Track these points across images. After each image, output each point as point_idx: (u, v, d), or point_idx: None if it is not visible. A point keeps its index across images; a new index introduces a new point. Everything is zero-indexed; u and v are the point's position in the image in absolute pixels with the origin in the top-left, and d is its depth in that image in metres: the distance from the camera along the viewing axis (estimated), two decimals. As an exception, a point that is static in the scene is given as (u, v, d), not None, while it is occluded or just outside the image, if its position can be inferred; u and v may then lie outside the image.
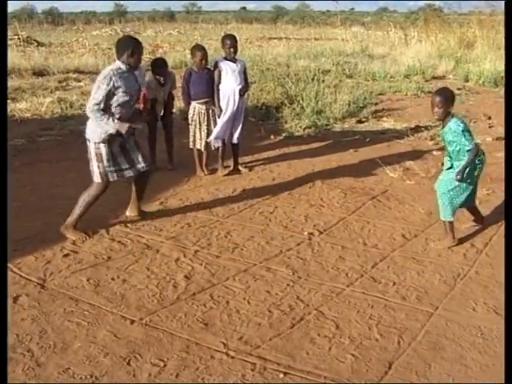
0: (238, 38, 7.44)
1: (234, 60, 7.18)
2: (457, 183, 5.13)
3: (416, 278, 4.61)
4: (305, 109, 10.57)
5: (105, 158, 5.49)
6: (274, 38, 32.03)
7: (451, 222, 5.26)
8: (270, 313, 4.08)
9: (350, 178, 7.27)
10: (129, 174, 5.63)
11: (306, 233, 5.55)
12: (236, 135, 7.45)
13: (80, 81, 15.64)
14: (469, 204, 5.47)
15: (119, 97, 5.41)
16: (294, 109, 10.62)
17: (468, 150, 5.01)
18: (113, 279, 4.58)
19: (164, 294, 4.35)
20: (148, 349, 3.64)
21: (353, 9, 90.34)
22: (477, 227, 5.62)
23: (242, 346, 3.68)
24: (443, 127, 5.22)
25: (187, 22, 51.48)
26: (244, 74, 7.33)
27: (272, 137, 9.58)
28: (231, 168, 7.63)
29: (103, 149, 5.49)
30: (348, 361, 3.53)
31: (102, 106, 5.41)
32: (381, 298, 4.28)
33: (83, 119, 10.58)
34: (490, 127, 10.32)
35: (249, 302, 4.23)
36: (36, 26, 35.24)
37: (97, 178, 5.55)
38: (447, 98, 5.11)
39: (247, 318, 4.02)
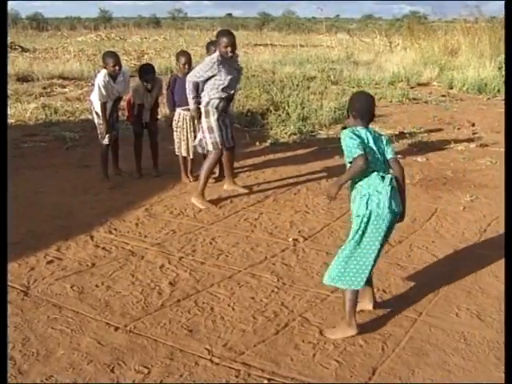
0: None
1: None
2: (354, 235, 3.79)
3: (400, 284, 4.62)
4: (290, 115, 10.60)
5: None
6: (260, 45, 32.14)
7: (354, 293, 3.85)
8: (255, 319, 4.08)
9: (334, 185, 7.28)
10: None
11: (290, 239, 5.56)
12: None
13: (65, 87, 15.59)
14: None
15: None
16: (279, 115, 10.64)
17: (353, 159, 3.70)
18: (97, 286, 4.56)
19: (148, 300, 4.34)
20: (132, 356, 3.63)
21: (338, 16, 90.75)
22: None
23: (227, 353, 3.67)
24: None
25: (173, 28, 51.46)
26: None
27: (257, 143, 9.59)
28: (217, 175, 7.62)
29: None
30: (332, 367, 3.53)
31: None
32: (365, 304, 4.28)
33: (68, 125, 10.64)
34: (473, 134, 10.40)
35: (233, 309, 4.23)
36: (20, 32, 35.06)
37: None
38: (349, 102, 3.98)
39: (232, 324, 4.02)
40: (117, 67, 6.95)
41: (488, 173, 7.80)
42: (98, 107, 7.08)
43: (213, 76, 6.33)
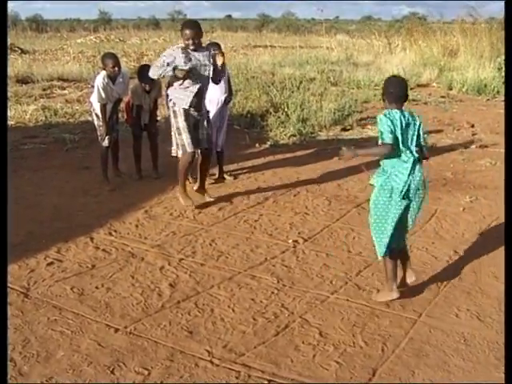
0: (222, 46, 7.46)
1: (218, 68, 7.18)
2: (376, 199, 4.20)
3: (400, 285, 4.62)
4: (290, 117, 10.60)
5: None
6: (259, 46, 32.11)
7: (391, 263, 4.32)
8: (255, 320, 4.08)
9: (334, 186, 7.31)
10: None
11: (290, 240, 5.56)
12: (220, 143, 7.46)
13: (64, 88, 15.57)
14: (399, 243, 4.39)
15: None
16: (279, 117, 10.64)
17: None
18: (97, 288, 4.56)
19: (148, 302, 4.34)
20: (132, 357, 3.63)
21: (338, 17, 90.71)
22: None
23: (227, 354, 3.68)
24: None
25: (172, 29, 51.44)
26: (228, 82, 7.35)
27: (257, 145, 9.60)
28: (216, 176, 7.63)
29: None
30: (332, 368, 3.54)
31: None
32: (365, 306, 4.29)
33: (67, 127, 10.64)
34: (473, 135, 10.41)
35: (233, 310, 4.23)
36: (20, 33, 35.05)
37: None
38: (383, 87, 4.27)
39: (232, 325, 4.02)
40: (116, 68, 6.95)
41: (488, 174, 7.81)
42: (97, 109, 7.08)
43: (174, 68, 5.99)
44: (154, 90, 7.46)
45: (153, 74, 6.22)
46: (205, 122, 6.45)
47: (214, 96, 7.15)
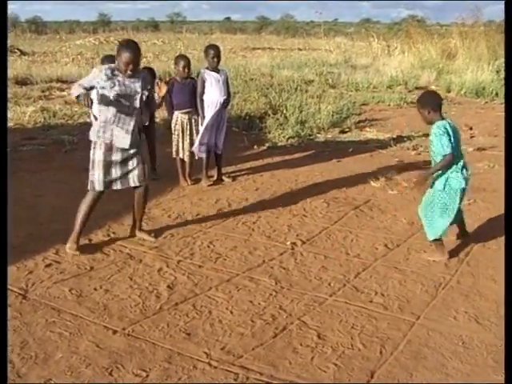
0: (221, 48, 7.47)
1: (216, 70, 7.21)
2: (435, 198, 5.05)
3: (398, 287, 4.63)
4: (288, 119, 10.62)
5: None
6: (258, 49, 32.18)
7: (437, 240, 5.14)
8: (253, 322, 4.08)
9: (332, 188, 7.31)
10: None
11: (288, 242, 5.56)
12: (220, 145, 7.48)
13: (63, 90, 15.57)
14: (456, 221, 5.32)
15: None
16: (277, 119, 10.66)
17: (444, 155, 4.85)
18: (95, 289, 4.56)
19: (147, 304, 4.34)
20: (130, 359, 3.63)
21: (336, 19, 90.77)
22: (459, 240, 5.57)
23: (225, 356, 3.67)
24: None
25: (171, 31, 51.54)
26: (226, 84, 7.37)
27: (255, 147, 9.61)
28: (215, 178, 7.64)
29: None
30: (330, 370, 3.54)
31: None
32: (363, 308, 4.30)
33: (66, 129, 10.64)
34: (471, 137, 10.42)
35: (231, 312, 4.23)
36: (19, 35, 35.07)
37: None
38: (422, 102, 5.08)
39: (230, 327, 4.02)
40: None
41: (486, 176, 7.82)
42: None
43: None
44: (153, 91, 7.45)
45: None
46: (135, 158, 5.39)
47: (213, 98, 7.17)
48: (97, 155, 5.21)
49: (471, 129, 11.17)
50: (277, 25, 68.63)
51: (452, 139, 4.84)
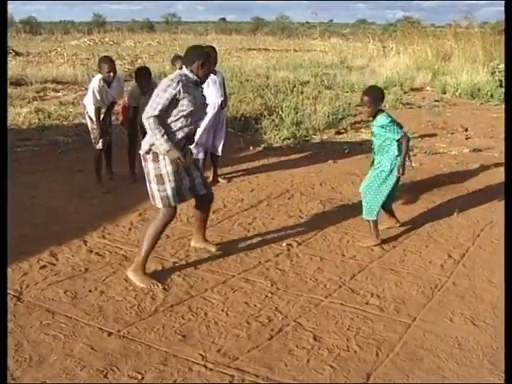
0: (217, 49, 7.46)
1: (213, 71, 7.19)
2: (380, 180, 5.42)
3: (394, 289, 4.63)
4: (284, 120, 10.61)
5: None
6: (254, 49, 32.18)
7: (375, 221, 5.53)
8: (249, 324, 4.07)
9: (328, 189, 7.30)
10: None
11: (284, 244, 5.55)
12: (220, 147, 7.47)
13: (58, 91, 15.55)
14: (388, 205, 5.73)
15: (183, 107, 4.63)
16: (273, 120, 10.65)
17: (397, 140, 5.32)
18: (90, 291, 4.54)
19: (142, 305, 4.32)
20: (125, 361, 3.61)
21: (332, 20, 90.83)
22: (391, 228, 5.87)
23: (221, 358, 3.66)
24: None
25: (167, 32, 51.53)
26: (223, 85, 7.36)
27: (251, 148, 9.59)
28: (210, 179, 7.62)
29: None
30: (326, 372, 3.53)
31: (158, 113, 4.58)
32: (359, 310, 4.29)
33: (61, 130, 10.61)
34: (466, 139, 10.43)
35: (227, 314, 4.22)
36: (14, 35, 35.03)
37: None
38: (374, 97, 5.35)
39: (225, 329, 4.01)
40: (111, 73, 6.93)
41: (481, 177, 7.82)
42: (91, 112, 7.06)
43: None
44: (150, 91, 7.44)
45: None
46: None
47: (210, 99, 7.14)
48: (166, 167, 4.64)
49: (467, 130, 11.18)
50: (272, 26, 68.59)
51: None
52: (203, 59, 4.76)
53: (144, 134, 7.52)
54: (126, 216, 6.24)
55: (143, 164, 4.75)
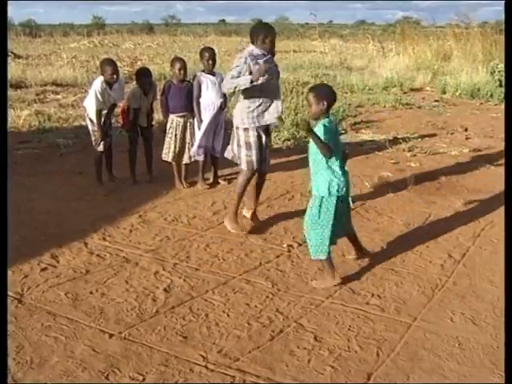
0: (216, 51, 7.46)
1: (212, 73, 7.21)
2: (316, 209, 4.56)
3: (394, 289, 4.63)
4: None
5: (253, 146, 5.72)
6: (253, 51, 32.06)
7: (328, 260, 4.65)
8: (250, 325, 4.08)
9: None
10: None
11: (285, 245, 5.56)
12: (218, 148, 7.47)
13: (58, 93, 15.55)
14: (347, 232, 4.97)
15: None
16: (273, 121, 10.63)
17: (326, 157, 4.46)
18: (91, 293, 4.55)
19: (143, 307, 4.33)
20: (127, 363, 3.62)
21: (331, 21, 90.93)
22: (360, 259, 5.16)
23: (222, 359, 3.67)
24: None
25: (166, 34, 51.49)
26: (223, 86, 7.37)
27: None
28: (210, 181, 7.63)
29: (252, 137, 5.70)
30: (327, 372, 3.53)
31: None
32: (360, 310, 4.29)
33: (61, 132, 10.61)
34: (466, 139, 10.43)
35: (228, 315, 4.22)
36: (13, 38, 35.01)
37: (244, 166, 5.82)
38: (320, 95, 4.52)
39: (226, 330, 4.01)
40: (114, 76, 6.96)
41: (481, 178, 7.82)
42: (92, 114, 7.07)
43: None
44: (150, 92, 7.47)
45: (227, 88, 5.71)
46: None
47: (210, 101, 7.16)
48: (253, 137, 5.69)
49: (466, 130, 11.18)
50: (272, 27, 68.49)
51: (334, 137, 4.56)
52: (264, 33, 5.61)
53: (144, 136, 7.58)
54: (126, 218, 6.25)
55: (234, 131, 5.84)
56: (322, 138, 4.37)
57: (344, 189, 4.63)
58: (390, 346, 3.82)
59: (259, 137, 5.75)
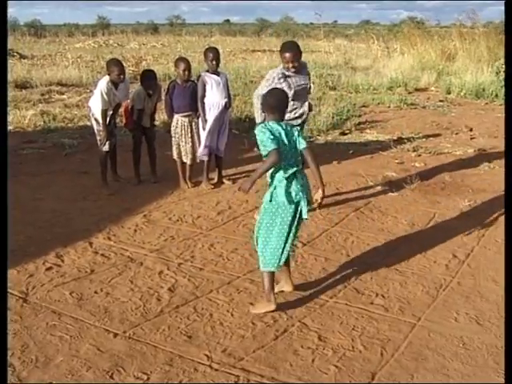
0: (220, 51, 7.47)
1: (216, 73, 7.21)
2: (268, 217, 4.21)
3: (399, 289, 4.63)
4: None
5: None
6: (258, 51, 32.15)
7: (270, 275, 4.21)
8: (254, 325, 4.08)
9: (333, 190, 7.30)
10: None
11: (289, 245, 5.55)
12: (222, 148, 7.49)
13: (63, 93, 15.57)
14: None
15: None
16: (277, 121, 10.62)
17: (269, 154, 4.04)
18: (96, 292, 4.56)
19: (147, 306, 4.34)
20: (131, 362, 3.63)
21: (336, 21, 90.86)
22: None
23: (226, 359, 3.67)
24: None
25: (171, 34, 51.55)
26: (226, 86, 7.37)
27: (255, 149, 9.56)
28: (215, 181, 7.64)
29: None
30: (331, 372, 3.54)
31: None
32: (364, 310, 4.30)
33: (66, 132, 10.64)
34: (471, 139, 10.42)
35: (232, 315, 4.23)
36: (19, 39, 35.11)
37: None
38: (265, 105, 4.31)
39: (231, 330, 4.02)
40: (121, 76, 6.98)
41: (486, 178, 7.82)
42: (97, 114, 7.07)
43: None
44: (155, 94, 7.48)
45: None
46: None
47: (214, 101, 7.17)
48: None
49: (471, 130, 11.17)
50: (276, 27, 68.44)
51: (279, 140, 4.11)
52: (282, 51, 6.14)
53: (147, 136, 7.59)
54: (131, 218, 6.26)
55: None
56: (258, 138, 4.10)
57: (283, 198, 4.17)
58: (394, 345, 3.82)
59: None
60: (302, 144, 4.24)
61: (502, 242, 5.46)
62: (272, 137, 4.02)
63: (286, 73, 6.09)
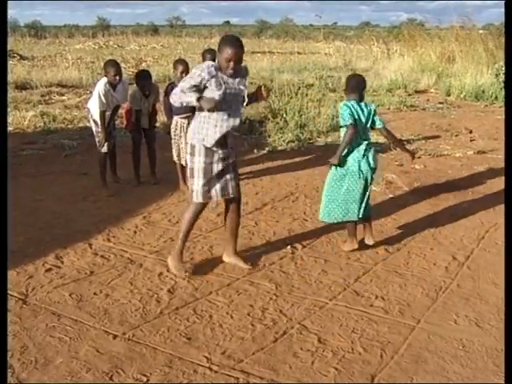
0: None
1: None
2: (337, 179, 5.26)
3: (398, 291, 4.63)
4: (288, 123, 10.61)
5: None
6: (258, 52, 32.15)
7: (351, 224, 5.33)
8: (253, 327, 4.08)
9: (332, 192, 7.29)
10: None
11: (288, 247, 5.56)
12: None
13: (63, 94, 15.58)
14: (358, 215, 5.23)
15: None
16: (277, 123, 10.64)
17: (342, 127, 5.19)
18: (95, 294, 4.56)
19: (147, 308, 4.34)
20: (131, 364, 3.62)
21: (336, 23, 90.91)
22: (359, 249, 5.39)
23: (225, 361, 3.67)
24: None
25: (171, 35, 51.60)
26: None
27: (255, 151, 9.59)
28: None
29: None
30: (331, 374, 3.53)
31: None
32: (363, 312, 4.29)
33: (66, 133, 10.64)
34: (471, 141, 10.43)
35: (232, 317, 4.23)
36: (19, 40, 35.10)
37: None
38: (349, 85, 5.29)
39: (230, 332, 4.02)
40: (117, 77, 6.95)
41: (486, 180, 7.82)
42: (96, 115, 7.08)
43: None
44: (152, 94, 7.48)
45: (174, 100, 4.80)
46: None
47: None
48: (198, 163, 4.81)
49: (471, 132, 11.18)
50: (276, 28, 68.56)
51: (357, 117, 5.10)
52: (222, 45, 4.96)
53: (146, 137, 7.59)
54: (130, 219, 6.26)
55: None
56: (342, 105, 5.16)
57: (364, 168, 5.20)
58: (394, 347, 3.82)
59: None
60: (379, 124, 5.25)
61: (501, 245, 5.46)
62: (350, 113, 5.02)
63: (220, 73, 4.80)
